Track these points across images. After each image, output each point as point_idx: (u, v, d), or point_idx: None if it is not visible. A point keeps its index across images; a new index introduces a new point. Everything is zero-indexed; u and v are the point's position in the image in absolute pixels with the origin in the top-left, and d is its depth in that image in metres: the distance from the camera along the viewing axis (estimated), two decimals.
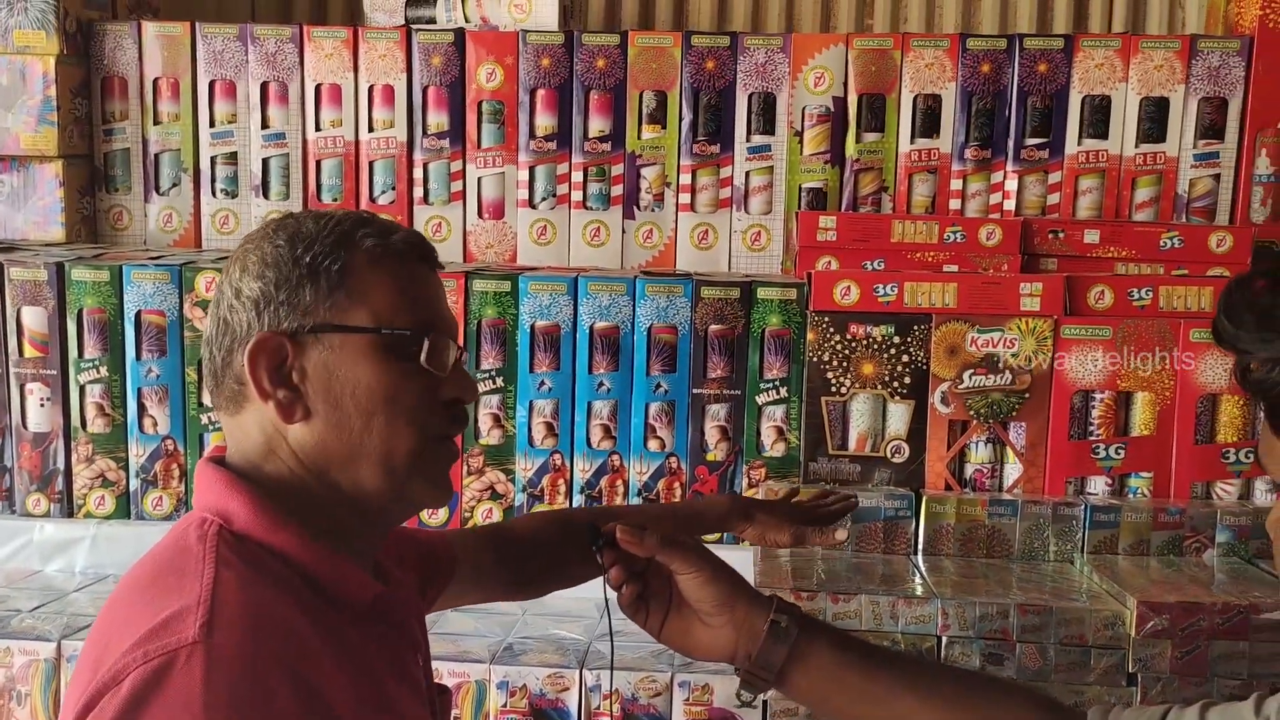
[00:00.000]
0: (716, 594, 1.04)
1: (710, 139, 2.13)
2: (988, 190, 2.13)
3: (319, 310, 0.91)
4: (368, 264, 0.93)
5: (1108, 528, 1.65)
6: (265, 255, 0.92)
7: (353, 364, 0.91)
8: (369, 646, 0.90)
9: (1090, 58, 2.08)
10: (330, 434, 0.91)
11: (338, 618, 0.88)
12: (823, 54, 2.11)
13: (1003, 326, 1.71)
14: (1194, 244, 1.90)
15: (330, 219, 0.95)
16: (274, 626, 0.82)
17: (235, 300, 0.92)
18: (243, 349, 0.91)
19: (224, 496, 0.90)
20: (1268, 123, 2.06)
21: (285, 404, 0.91)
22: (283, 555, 0.88)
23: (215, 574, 0.83)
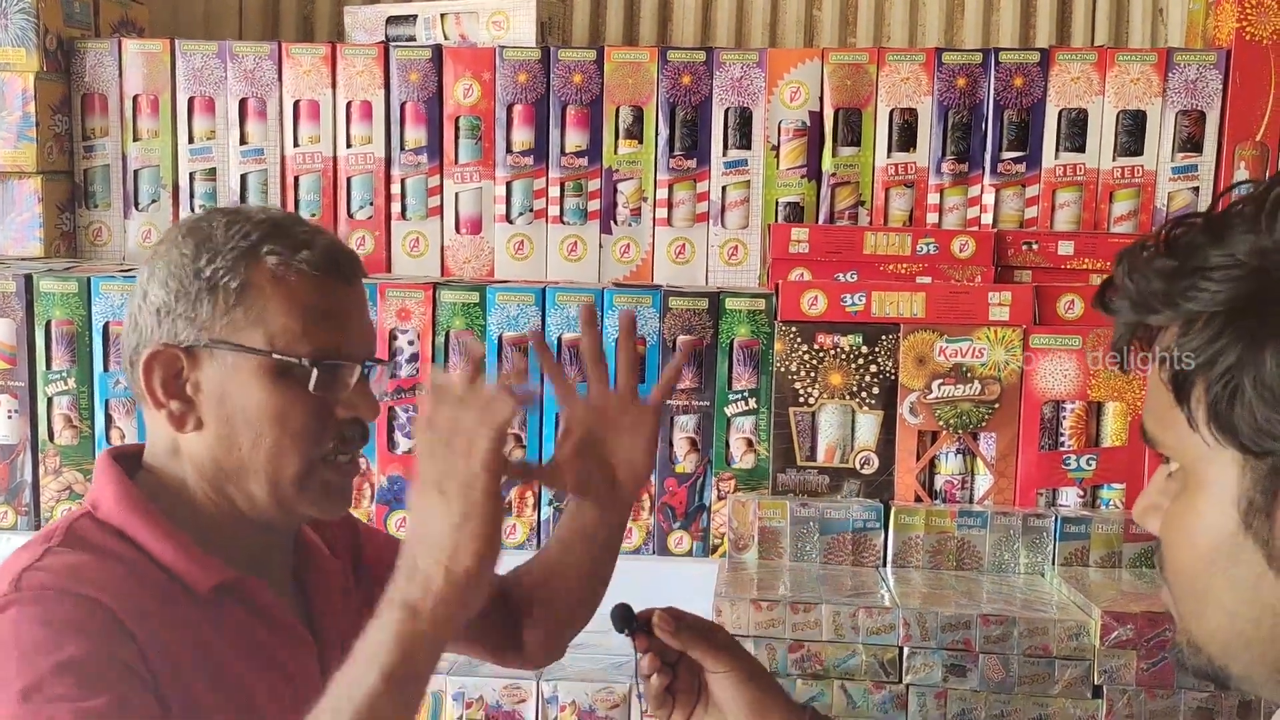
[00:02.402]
0: (751, 697, 0.99)
1: (687, 154, 2.13)
2: (965, 204, 2.12)
3: (215, 326, 0.93)
4: (269, 281, 0.94)
5: (1078, 539, 1.63)
6: (171, 262, 0.95)
7: (244, 383, 0.93)
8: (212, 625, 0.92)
9: (1067, 71, 2.07)
10: (220, 448, 0.95)
11: (182, 594, 0.91)
12: (799, 68, 2.11)
13: (971, 336, 1.70)
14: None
15: (241, 226, 0.95)
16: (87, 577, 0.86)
17: (142, 301, 0.96)
18: (143, 353, 0.95)
19: (99, 485, 0.96)
20: (1246, 135, 2.06)
21: (177, 414, 0.95)
22: (133, 540, 0.92)
23: (46, 550, 0.89)
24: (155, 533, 0.93)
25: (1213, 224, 0.59)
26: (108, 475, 0.96)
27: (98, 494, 0.96)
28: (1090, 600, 1.46)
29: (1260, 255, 0.56)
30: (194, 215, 1.00)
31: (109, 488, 0.95)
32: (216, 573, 0.94)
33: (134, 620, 0.86)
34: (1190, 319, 0.58)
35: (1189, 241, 0.59)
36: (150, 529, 0.93)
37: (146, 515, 0.93)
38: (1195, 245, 0.58)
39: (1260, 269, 0.55)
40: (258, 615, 0.96)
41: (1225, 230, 0.57)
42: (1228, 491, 0.60)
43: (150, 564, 0.92)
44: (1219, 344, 0.57)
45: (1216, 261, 0.56)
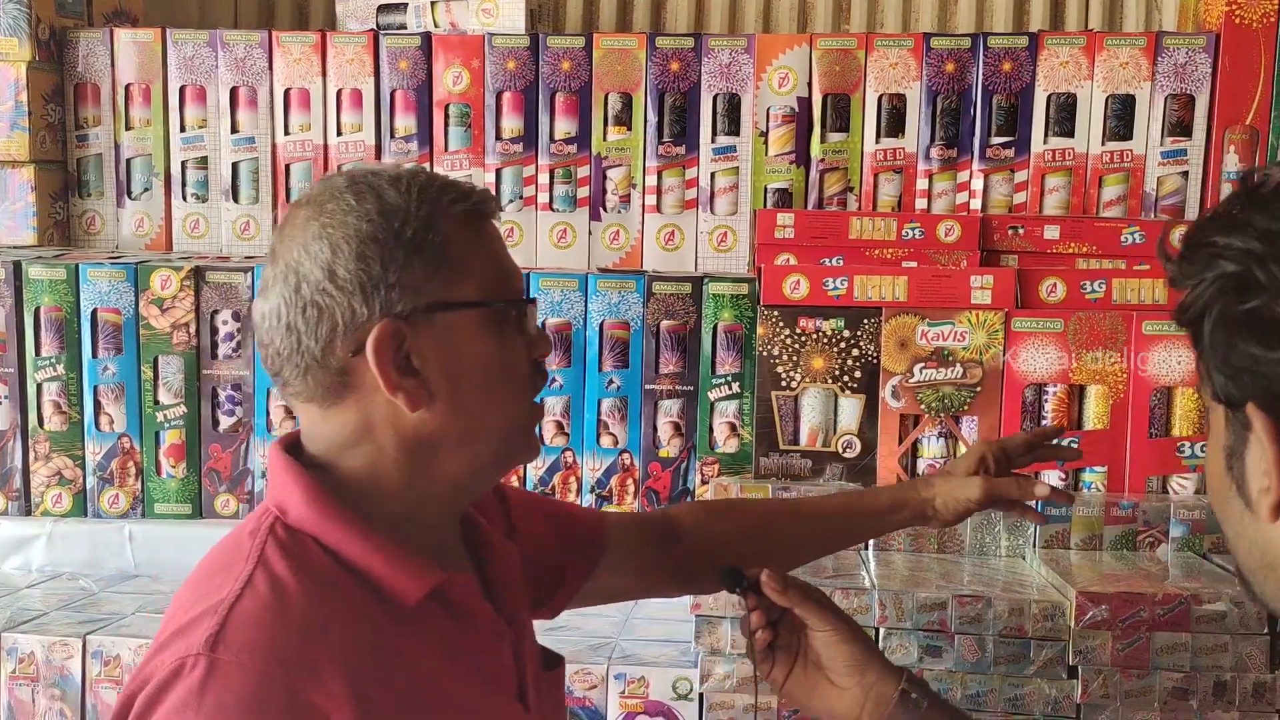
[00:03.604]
0: (851, 655, 1.03)
1: (676, 140, 2.13)
2: (954, 189, 2.12)
3: (429, 288, 0.85)
4: (463, 231, 0.87)
5: (1059, 522, 1.63)
6: (359, 233, 0.84)
7: (469, 340, 0.86)
8: (421, 644, 0.86)
9: (1055, 56, 2.07)
10: (451, 416, 0.86)
11: (386, 616, 0.84)
12: (787, 54, 2.11)
13: (953, 319, 1.70)
14: (1155, 239, 1.88)
15: (406, 182, 0.87)
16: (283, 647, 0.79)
17: (329, 283, 0.83)
18: (350, 338, 0.84)
19: (285, 487, 0.87)
20: (1235, 119, 2.05)
21: (414, 392, 0.85)
22: (334, 551, 0.84)
23: (249, 578, 0.81)
24: (357, 542, 0.85)
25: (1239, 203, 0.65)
26: (291, 475, 0.86)
27: (283, 497, 0.86)
28: (1067, 582, 1.47)
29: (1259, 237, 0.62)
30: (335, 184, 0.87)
31: (295, 489, 0.86)
32: (426, 579, 0.86)
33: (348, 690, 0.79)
34: (1196, 284, 0.65)
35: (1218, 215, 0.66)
36: (350, 537, 0.85)
37: (343, 521, 0.85)
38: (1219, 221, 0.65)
39: (1247, 251, 0.62)
40: (459, 616, 0.90)
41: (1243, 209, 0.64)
42: (1219, 439, 0.66)
43: (354, 580, 0.84)
44: (1205, 310, 0.64)
45: (1221, 239, 0.64)
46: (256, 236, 2.15)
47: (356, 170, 0.89)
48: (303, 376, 0.85)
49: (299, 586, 0.81)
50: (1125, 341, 1.68)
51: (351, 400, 0.85)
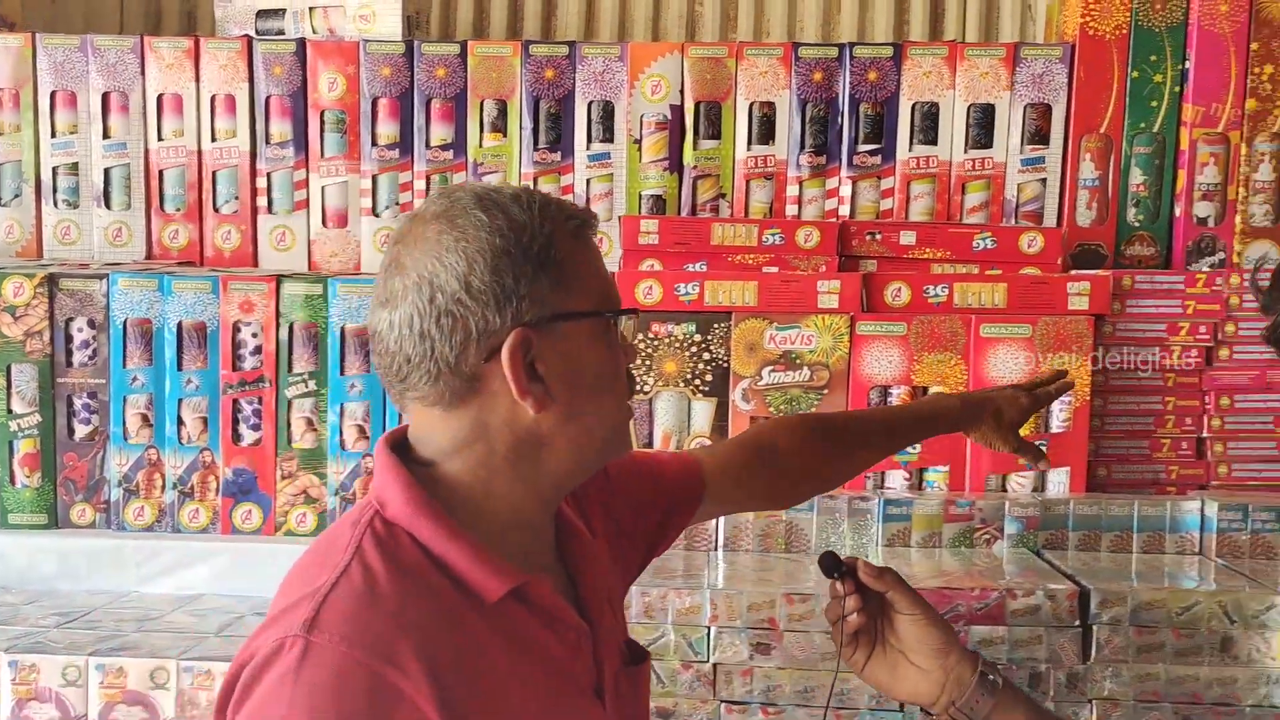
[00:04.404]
0: (936, 639, 1.11)
1: (551, 147, 2.16)
2: (823, 196, 2.16)
3: (552, 300, 0.91)
4: (577, 247, 0.94)
5: (901, 521, 1.67)
6: (493, 245, 0.90)
7: (584, 350, 0.94)
8: (500, 639, 0.91)
9: (918, 65, 2.12)
10: (565, 417, 0.93)
11: (468, 610, 0.90)
12: (659, 62, 2.14)
13: (800, 324, 1.74)
14: (1006, 245, 1.94)
15: (526, 201, 0.94)
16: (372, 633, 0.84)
17: (464, 294, 0.89)
18: (483, 346, 0.89)
19: (387, 484, 0.92)
20: (1090, 127, 2.11)
21: (540, 397, 0.91)
22: (425, 546, 0.90)
23: (345, 567, 0.87)
24: (447, 539, 0.90)
25: None
26: (395, 473, 0.93)
27: (384, 491, 0.93)
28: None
29: None
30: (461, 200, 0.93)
31: (396, 486, 0.92)
32: (508, 579, 0.92)
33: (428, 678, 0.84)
34: None
35: None
36: (441, 534, 0.90)
37: (436, 518, 0.91)
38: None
39: None
40: (540, 615, 0.95)
41: None
42: None
43: (441, 575, 0.90)
44: None
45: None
46: (129, 243, 2.15)
47: (477, 187, 0.95)
48: (433, 382, 0.91)
49: (389, 578, 0.87)
50: (965, 344, 1.73)
51: (475, 403, 0.91)
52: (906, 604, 1.12)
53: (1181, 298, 1.82)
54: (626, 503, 1.14)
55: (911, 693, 1.13)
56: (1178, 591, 1.48)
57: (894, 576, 1.13)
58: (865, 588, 1.15)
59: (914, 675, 1.11)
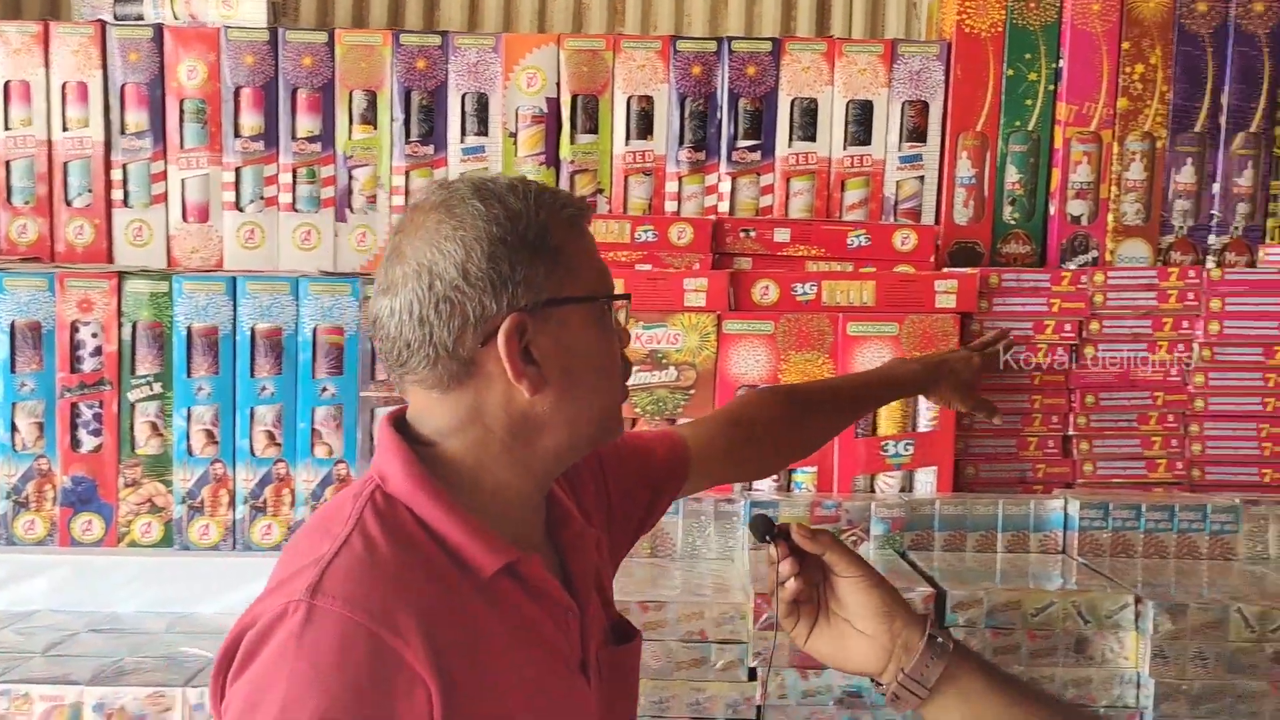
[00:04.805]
0: (879, 602, 1.05)
1: (423, 140, 2.09)
2: (703, 192, 2.13)
3: (547, 285, 0.94)
4: (572, 235, 0.97)
5: None
6: (490, 234, 0.93)
7: (579, 334, 0.96)
8: (493, 611, 0.93)
9: (797, 61, 2.10)
10: (560, 400, 0.95)
11: (464, 582, 0.92)
12: (534, 54, 2.09)
13: (667, 322, 1.70)
14: (880, 242, 1.92)
15: (522, 190, 0.96)
16: (373, 599, 0.87)
17: (462, 281, 0.92)
18: (480, 330, 0.92)
19: (388, 460, 0.95)
20: (967, 125, 2.10)
21: (535, 379, 0.94)
22: (423, 520, 0.93)
23: (347, 537, 0.89)
24: (445, 515, 0.93)
25: None
26: (395, 449, 0.95)
27: (385, 466, 0.95)
28: (762, 581, 1.47)
29: None
30: (459, 191, 0.96)
31: (397, 462, 0.94)
32: (502, 554, 0.94)
33: (414, 643, 0.86)
34: None
35: None
36: (439, 509, 0.93)
37: (434, 494, 0.93)
38: None
39: None
40: (531, 592, 0.97)
41: None
42: None
43: (438, 548, 0.92)
44: None
45: None
46: None
47: (475, 178, 0.99)
48: (432, 366, 0.94)
49: (389, 547, 0.90)
50: (832, 343, 1.71)
51: (471, 386, 0.94)
52: (845, 565, 1.05)
53: (1048, 296, 1.82)
54: (617, 484, 1.17)
55: (859, 663, 1.05)
56: (1033, 592, 1.47)
57: (830, 537, 1.08)
58: (802, 553, 1.08)
59: (860, 644, 1.04)
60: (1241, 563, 1.66)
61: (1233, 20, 2.08)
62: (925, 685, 1.00)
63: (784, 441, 1.39)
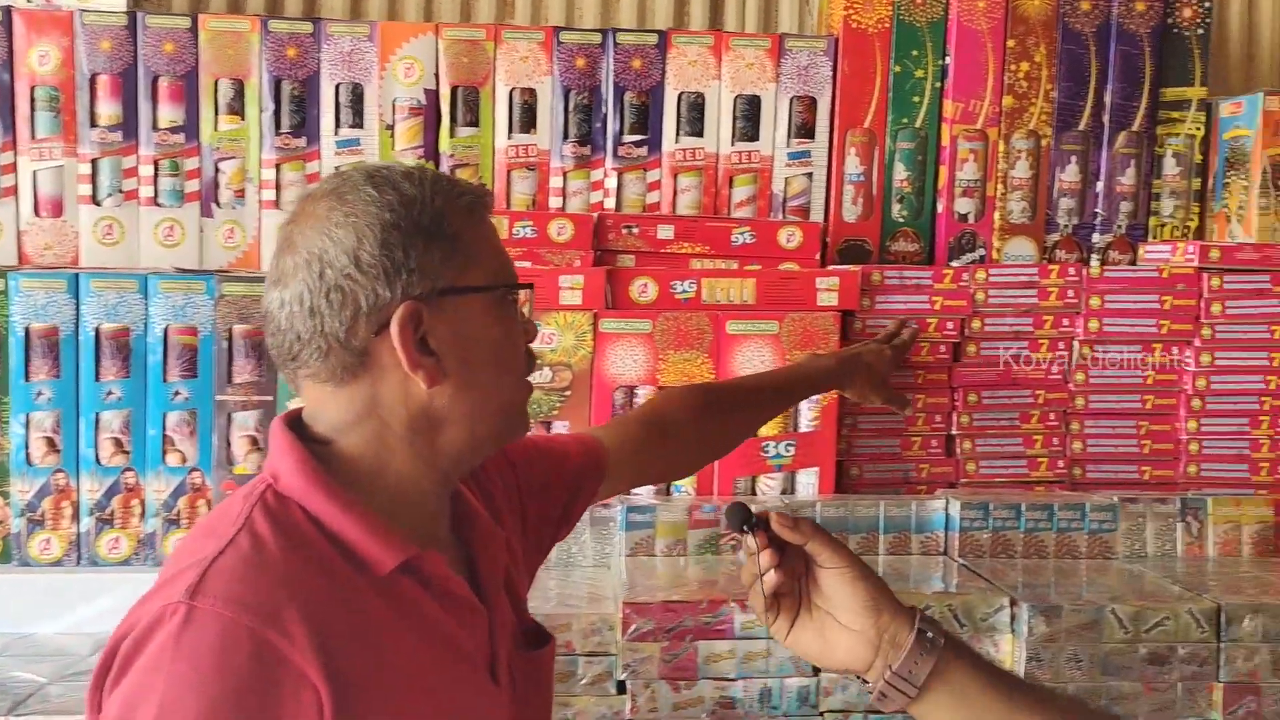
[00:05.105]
0: (865, 594, 0.98)
1: (295, 131, 2.00)
2: (588, 188, 2.07)
3: (444, 273, 0.91)
4: (472, 222, 0.95)
5: (644, 529, 1.60)
6: (382, 220, 0.91)
7: (478, 323, 0.93)
8: (391, 611, 0.90)
9: (684, 54, 2.05)
10: (460, 393, 0.93)
11: (359, 581, 0.89)
12: (412, 43, 2.01)
13: (541, 321, 1.64)
14: (765, 239, 1.89)
15: (418, 177, 0.94)
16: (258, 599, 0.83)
17: (353, 268, 0.89)
18: (372, 320, 0.90)
19: (279, 458, 0.92)
20: (855, 122, 2.08)
21: (432, 370, 0.91)
22: (316, 518, 0.89)
23: (233, 537, 0.86)
24: (340, 511, 0.90)
25: None
26: (287, 446, 0.92)
27: (277, 463, 0.92)
28: (651, 590, 1.42)
29: None
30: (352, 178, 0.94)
31: (289, 459, 0.91)
32: (400, 550, 0.91)
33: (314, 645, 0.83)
34: None
35: None
36: (332, 506, 0.90)
37: (328, 490, 0.90)
38: None
39: None
40: (434, 591, 0.94)
41: None
42: None
43: (331, 546, 0.89)
44: None
45: None
46: None
47: (369, 165, 0.96)
48: (324, 358, 0.91)
49: (278, 547, 0.87)
50: (711, 341, 1.66)
51: (366, 379, 0.92)
52: (829, 556, 0.99)
53: (930, 293, 1.80)
54: (531, 488, 1.14)
55: (844, 660, 0.99)
56: (911, 595, 1.45)
57: (812, 526, 1.01)
58: (782, 543, 1.01)
59: (845, 639, 0.98)
60: (1120, 561, 1.65)
61: (1115, 19, 2.09)
62: (914, 683, 0.94)
63: (702, 440, 1.39)
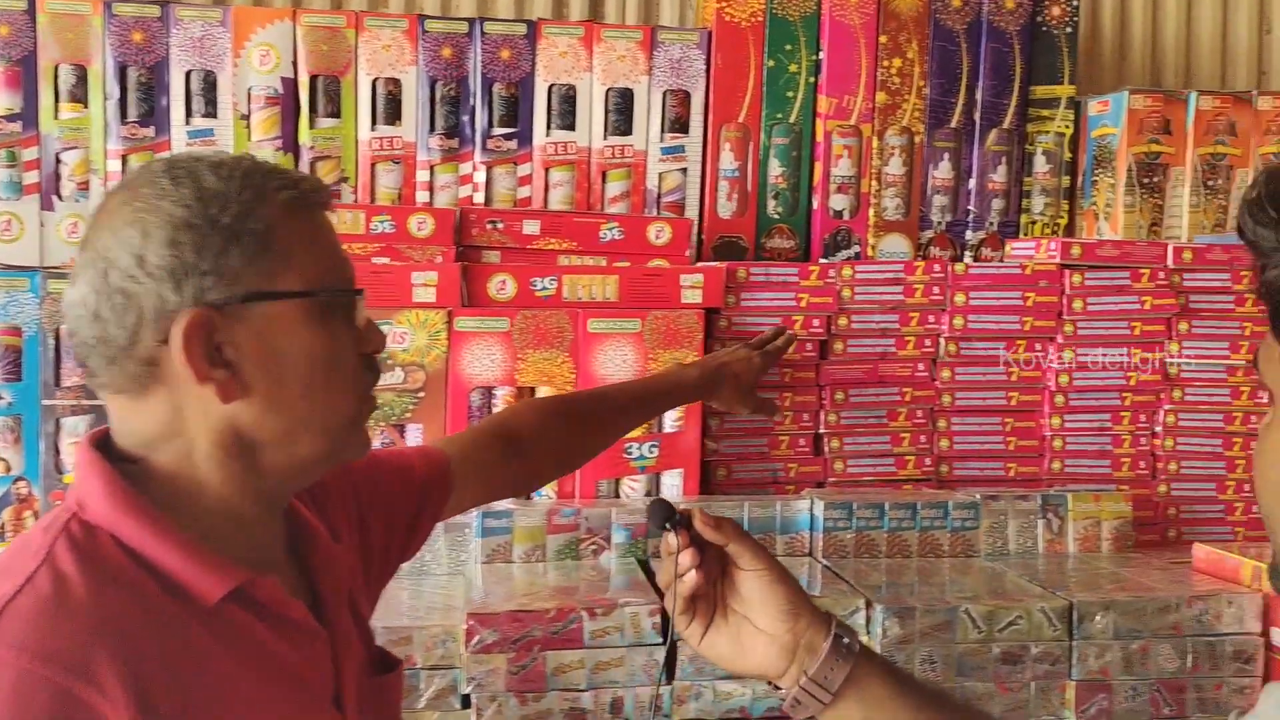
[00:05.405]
0: (783, 599, 0.96)
1: (143, 121, 1.90)
2: (457, 182, 2.00)
3: (247, 277, 0.83)
4: (289, 220, 0.86)
5: (501, 535, 1.54)
6: (173, 218, 0.82)
7: (289, 332, 0.85)
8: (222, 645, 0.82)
9: (554, 45, 2.00)
10: (270, 410, 0.85)
11: (184, 615, 0.81)
12: (267, 29, 1.92)
13: (393, 320, 1.57)
14: (634, 235, 1.85)
15: (229, 168, 0.86)
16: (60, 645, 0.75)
17: (138, 270, 0.81)
18: (157, 327, 0.82)
19: (86, 482, 0.84)
20: (729, 117, 2.05)
21: (225, 384, 0.83)
22: (130, 548, 0.82)
23: (31, 575, 0.78)
24: (156, 538, 0.82)
25: None
26: (94, 469, 0.84)
27: (83, 489, 0.83)
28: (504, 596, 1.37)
29: None
30: (152, 168, 0.86)
31: (96, 483, 0.83)
32: (228, 578, 0.83)
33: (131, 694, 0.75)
34: None
35: None
36: (149, 533, 0.82)
37: (143, 516, 0.82)
38: None
39: None
40: (268, 618, 0.86)
41: None
42: None
43: (149, 577, 0.81)
44: None
45: None
46: None
47: (179, 155, 0.89)
48: (109, 366, 0.84)
49: (85, 583, 0.78)
50: (572, 340, 1.62)
51: (162, 391, 0.84)
52: (750, 558, 0.96)
53: (796, 290, 1.77)
54: (374, 504, 1.07)
55: (758, 665, 0.96)
56: None
57: (735, 527, 0.98)
58: (703, 543, 0.98)
59: (760, 644, 0.95)
60: (981, 560, 1.65)
61: (985, 16, 2.10)
62: (829, 690, 0.93)
63: (553, 454, 1.33)
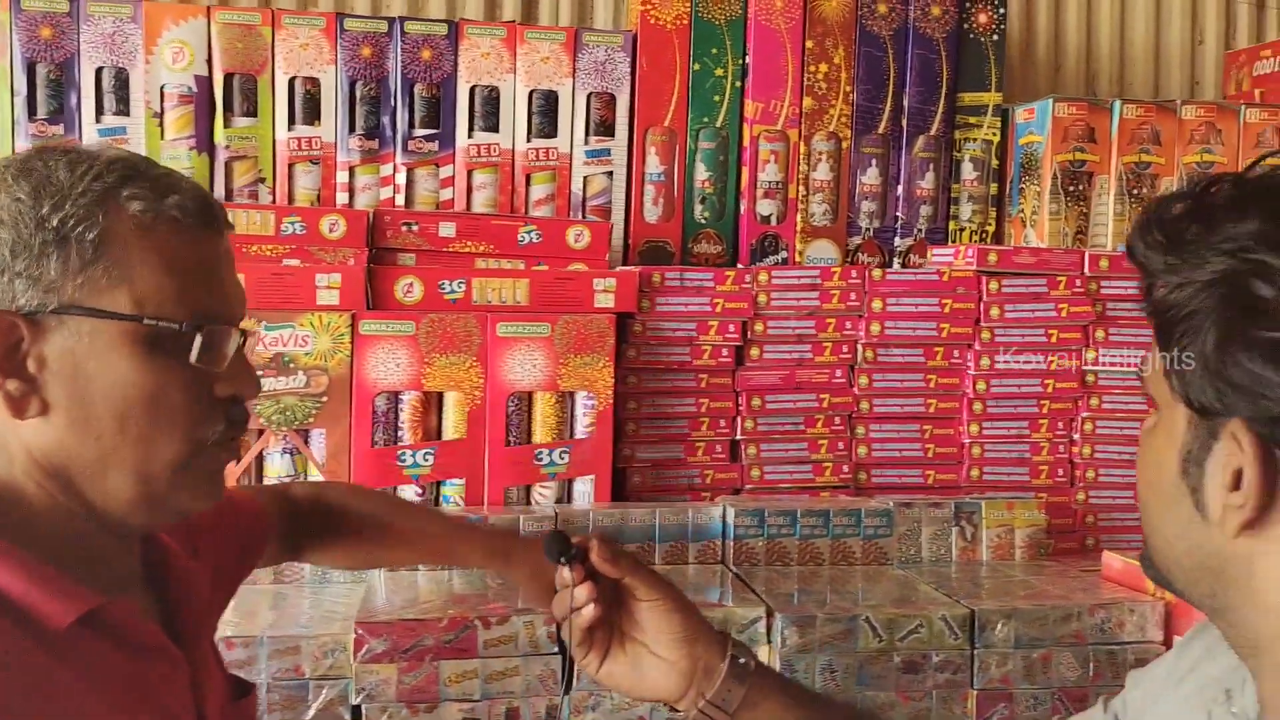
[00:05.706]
0: (682, 624, 0.95)
1: (51, 118, 1.86)
2: (377, 184, 1.98)
3: (67, 287, 0.75)
4: (135, 232, 0.77)
5: None
6: (2, 209, 0.76)
7: (106, 356, 0.76)
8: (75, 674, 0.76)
9: (477, 46, 1.97)
10: (73, 436, 0.77)
11: (30, 643, 0.74)
12: (180, 26, 1.89)
13: (294, 323, 1.54)
14: (552, 238, 1.82)
15: (88, 166, 0.77)
16: None
17: None
18: None
19: None
20: (655, 120, 2.04)
21: (16, 396, 0.75)
22: None
23: None
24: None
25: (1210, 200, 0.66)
26: None
27: None
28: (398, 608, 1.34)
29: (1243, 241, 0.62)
30: (21, 154, 0.80)
31: None
32: (80, 601, 0.76)
33: None
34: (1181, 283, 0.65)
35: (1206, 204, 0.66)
36: None
37: None
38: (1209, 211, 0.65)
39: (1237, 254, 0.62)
40: (124, 645, 0.79)
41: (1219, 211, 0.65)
42: (1176, 440, 0.67)
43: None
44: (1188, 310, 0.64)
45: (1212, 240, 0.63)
46: None
47: (49, 144, 0.82)
48: None
49: None
50: (480, 345, 1.59)
51: None
52: (646, 589, 0.95)
53: (711, 295, 1.76)
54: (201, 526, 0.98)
55: (658, 690, 0.96)
56: None
57: (632, 560, 0.97)
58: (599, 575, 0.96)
59: (659, 670, 0.95)
60: (894, 567, 1.64)
61: (912, 23, 2.09)
62: (727, 710, 0.93)
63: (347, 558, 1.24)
